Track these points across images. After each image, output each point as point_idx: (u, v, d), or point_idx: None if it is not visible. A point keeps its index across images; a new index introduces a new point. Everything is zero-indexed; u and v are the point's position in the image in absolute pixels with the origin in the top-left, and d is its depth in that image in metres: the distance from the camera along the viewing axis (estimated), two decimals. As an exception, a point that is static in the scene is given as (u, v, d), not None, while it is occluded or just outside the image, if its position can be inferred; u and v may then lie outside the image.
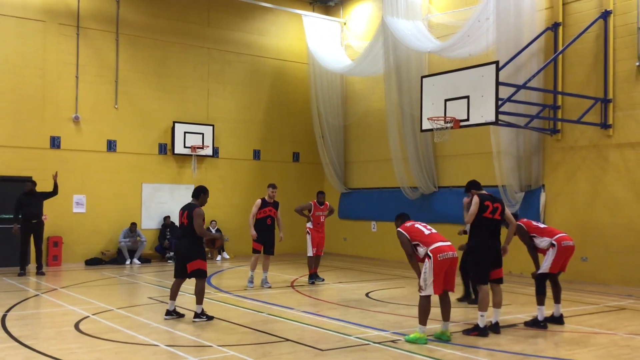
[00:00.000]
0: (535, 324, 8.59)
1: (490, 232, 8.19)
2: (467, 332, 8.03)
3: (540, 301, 8.62)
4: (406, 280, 13.67)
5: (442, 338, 7.56)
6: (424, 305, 7.55)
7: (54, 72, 16.61)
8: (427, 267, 7.51)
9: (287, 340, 7.67)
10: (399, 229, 7.99)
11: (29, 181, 14.73)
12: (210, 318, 8.90)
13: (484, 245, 8.17)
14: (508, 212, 8.52)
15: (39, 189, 14.66)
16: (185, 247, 8.99)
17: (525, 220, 9.12)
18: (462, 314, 9.57)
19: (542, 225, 9.10)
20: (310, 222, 13.24)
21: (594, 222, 13.55)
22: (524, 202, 14.70)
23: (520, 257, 14.86)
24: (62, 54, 16.74)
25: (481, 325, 7.93)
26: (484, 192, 8.50)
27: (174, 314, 9.02)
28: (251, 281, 12.58)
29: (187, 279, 9.09)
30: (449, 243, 7.63)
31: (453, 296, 8.41)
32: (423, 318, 7.54)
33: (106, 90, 17.39)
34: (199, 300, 8.92)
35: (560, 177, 14.25)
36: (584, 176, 13.82)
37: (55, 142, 16.54)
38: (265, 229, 12.52)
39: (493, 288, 8.27)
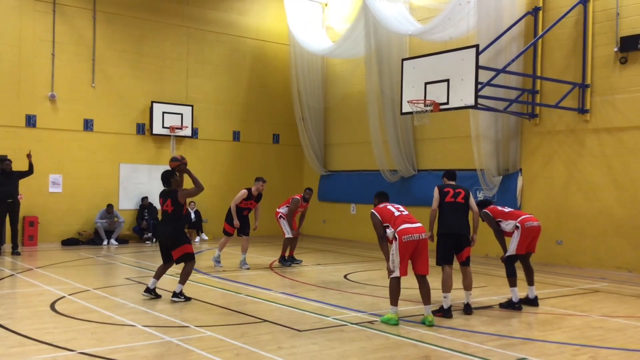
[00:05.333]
0: (510, 305, 8.71)
1: (454, 215, 8.30)
2: (432, 313, 8.04)
3: (512, 283, 8.76)
4: (384, 262, 13.76)
5: (425, 323, 7.59)
6: (394, 287, 7.64)
7: (30, 49, 16.30)
8: (393, 249, 7.59)
9: (265, 321, 7.69)
10: (372, 210, 8.04)
11: (5, 160, 14.50)
12: (188, 299, 8.89)
13: (446, 228, 8.27)
14: (472, 200, 8.55)
15: (14, 168, 14.43)
16: (169, 234, 8.92)
17: (491, 206, 9.21)
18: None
19: (507, 210, 9.19)
20: (285, 209, 13.20)
21: (570, 207, 13.73)
22: (501, 186, 14.85)
23: (496, 241, 15.05)
24: (38, 31, 16.42)
25: (445, 306, 8.04)
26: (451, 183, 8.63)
27: (152, 293, 8.98)
28: (218, 260, 12.57)
29: (175, 264, 9.07)
30: (417, 225, 7.62)
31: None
32: (394, 299, 7.62)
33: (83, 69, 17.13)
34: (182, 280, 8.92)
35: (538, 161, 14.39)
36: (561, 161, 13.97)
37: (30, 121, 16.28)
38: (241, 217, 12.52)
39: (462, 270, 8.41)
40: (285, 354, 6.23)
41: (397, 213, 7.80)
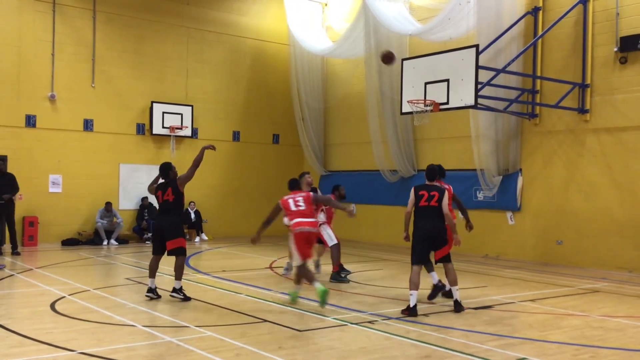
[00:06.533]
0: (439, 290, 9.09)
1: (426, 219, 8.43)
2: (402, 311, 8.19)
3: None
4: (384, 262, 13.77)
5: (291, 294, 8.80)
6: (300, 272, 8.79)
7: (30, 49, 16.29)
8: (291, 239, 8.71)
9: (265, 321, 7.68)
10: (279, 200, 8.94)
11: (1, 160, 14.46)
12: (187, 298, 8.89)
13: (419, 230, 8.45)
14: (445, 202, 8.45)
15: (14, 167, 14.41)
16: (168, 224, 8.96)
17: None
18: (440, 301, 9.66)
19: None
20: (323, 215, 11.29)
21: (570, 206, 13.72)
22: (501, 186, 14.85)
23: (495, 241, 15.09)
24: (38, 32, 16.42)
25: (411, 304, 8.10)
26: (426, 183, 8.76)
27: (154, 294, 8.98)
28: (288, 268, 11.45)
29: (167, 256, 9.09)
30: (309, 220, 8.70)
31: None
32: (298, 280, 8.85)
33: (83, 69, 17.12)
34: (178, 276, 8.95)
35: (538, 161, 14.39)
36: (561, 161, 13.96)
37: (30, 121, 16.27)
38: None
39: (444, 267, 8.59)
40: (285, 354, 6.23)
41: (294, 208, 8.80)
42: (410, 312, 8.07)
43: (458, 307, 8.36)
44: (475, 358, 6.17)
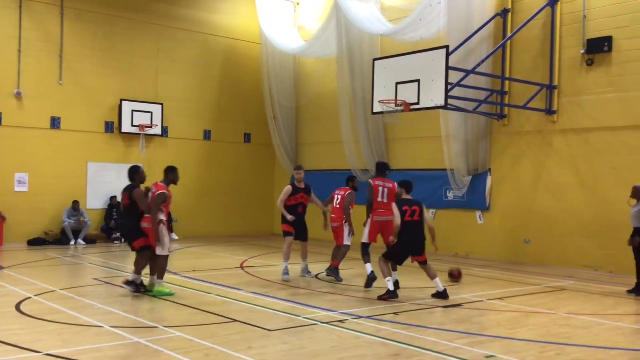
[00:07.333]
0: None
1: (411, 233, 9.23)
2: (380, 297, 9.15)
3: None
4: (355, 261, 13.79)
5: (149, 289, 9.11)
6: (164, 264, 9.23)
7: (-5, 45, 15.98)
8: (165, 232, 9.05)
9: (235, 320, 7.64)
10: (164, 190, 9.09)
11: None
12: (139, 290, 9.12)
13: (404, 241, 9.25)
14: (425, 215, 9.51)
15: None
16: (125, 230, 9.35)
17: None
18: (409, 294, 9.73)
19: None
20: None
21: (537, 206, 13.93)
22: (470, 186, 15.01)
23: (465, 240, 15.25)
24: (4, 27, 16.09)
25: (391, 288, 9.10)
26: (407, 197, 9.44)
27: (134, 287, 9.13)
28: (286, 272, 11.00)
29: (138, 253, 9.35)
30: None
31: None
32: (162, 274, 9.22)
33: (50, 66, 16.83)
34: (137, 271, 9.22)
35: (506, 161, 14.57)
36: (529, 161, 14.16)
37: (-5, 118, 15.96)
38: (296, 215, 10.97)
39: (422, 268, 9.44)
40: (255, 353, 6.20)
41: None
42: (390, 294, 9.01)
43: (444, 295, 9.22)
44: (444, 356, 6.22)
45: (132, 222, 9.20)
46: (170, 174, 9.37)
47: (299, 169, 11.20)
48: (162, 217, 9.11)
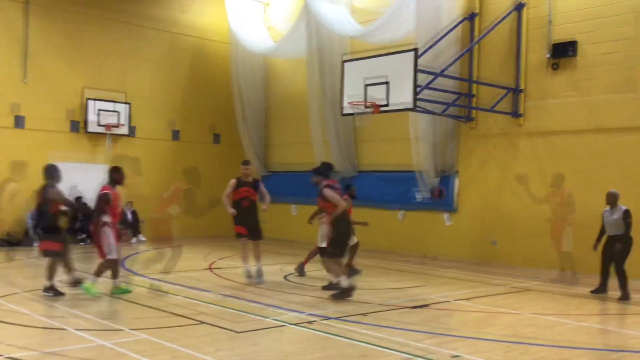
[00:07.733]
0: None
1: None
2: (335, 296, 9.24)
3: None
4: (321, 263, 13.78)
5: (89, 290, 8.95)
6: (115, 268, 9.18)
7: (-44, 41, 15.61)
8: (110, 234, 8.92)
9: (203, 323, 7.58)
10: (107, 191, 9.07)
11: None
12: (59, 294, 8.97)
13: (348, 233, 9.76)
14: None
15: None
16: (40, 229, 9.24)
17: None
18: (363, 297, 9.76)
19: None
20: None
21: (504, 208, 14.11)
22: (438, 187, 15.12)
23: (433, 241, 15.37)
24: (-35, 23, 15.74)
25: (346, 286, 9.25)
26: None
27: (51, 291, 9.03)
28: (250, 275, 10.78)
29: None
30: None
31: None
32: (117, 274, 9.24)
33: (14, 64, 16.49)
34: (48, 277, 9.06)
35: (474, 163, 14.74)
36: (496, 163, 14.35)
37: (-43, 117, 15.58)
38: (243, 211, 10.72)
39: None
40: (223, 355, 6.16)
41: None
42: (345, 292, 9.17)
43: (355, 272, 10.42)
44: (412, 356, 6.26)
45: (43, 222, 9.05)
46: (115, 174, 9.20)
47: (246, 164, 11.12)
48: (107, 219, 8.94)
